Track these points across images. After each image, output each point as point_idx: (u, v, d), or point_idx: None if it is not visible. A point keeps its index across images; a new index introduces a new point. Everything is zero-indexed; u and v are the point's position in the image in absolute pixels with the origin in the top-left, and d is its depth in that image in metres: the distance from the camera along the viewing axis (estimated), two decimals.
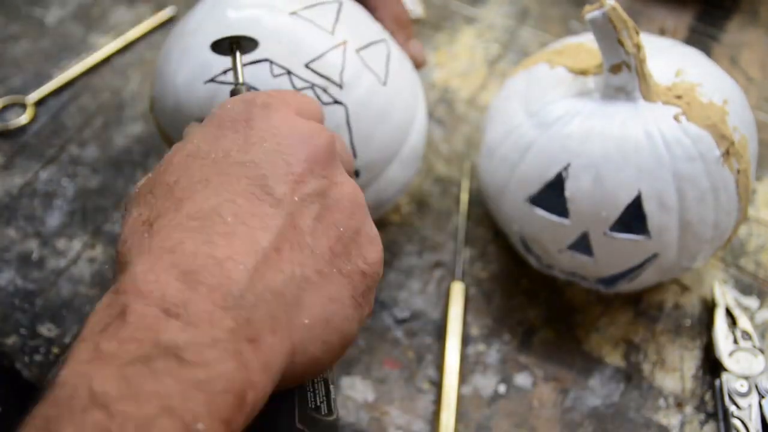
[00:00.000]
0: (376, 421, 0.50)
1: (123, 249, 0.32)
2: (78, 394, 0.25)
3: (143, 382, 0.26)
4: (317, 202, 0.33)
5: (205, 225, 0.30)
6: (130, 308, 0.28)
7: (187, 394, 0.26)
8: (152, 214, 0.32)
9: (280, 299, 0.30)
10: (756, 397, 0.49)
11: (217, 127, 0.35)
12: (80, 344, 0.27)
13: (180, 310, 0.28)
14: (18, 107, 0.67)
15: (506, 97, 0.52)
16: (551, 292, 0.56)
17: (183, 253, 0.29)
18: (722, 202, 0.46)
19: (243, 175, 0.32)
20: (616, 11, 0.43)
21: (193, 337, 0.27)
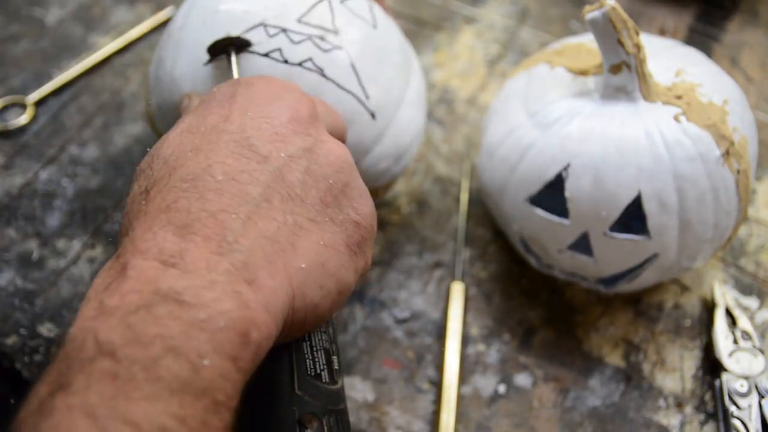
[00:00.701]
0: (376, 421, 0.50)
1: (124, 220, 0.33)
2: (85, 346, 0.26)
3: (146, 327, 0.27)
4: (304, 157, 0.35)
5: (197, 185, 0.32)
6: (130, 264, 0.29)
7: (190, 333, 0.27)
8: (149, 183, 0.33)
9: (274, 245, 0.32)
10: (756, 397, 0.49)
11: (206, 106, 0.37)
12: (86, 304, 0.29)
13: (177, 260, 0.29)
14: (18, 107, 0.67)
15: (506, 97, 0.52)
16: (551, 292, 0.56)
17: (177, 211, 0.31)
18: (722, 202, 0.46)
19: (230, 140, 0.34)
20: (616, 11, 0.43)
21: (191, 282, 0.28)
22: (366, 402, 0.51)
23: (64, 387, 0.26)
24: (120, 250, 0.31)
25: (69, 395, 0.25)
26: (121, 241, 0.32)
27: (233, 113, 0.36)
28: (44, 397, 0.26)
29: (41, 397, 0.26)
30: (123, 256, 0.30)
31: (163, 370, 0.26)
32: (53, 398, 0.25)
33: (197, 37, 0.46)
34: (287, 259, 0.32)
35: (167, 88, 0.47)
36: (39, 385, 0.27)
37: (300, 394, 0.34)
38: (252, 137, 0.34)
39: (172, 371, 0.26)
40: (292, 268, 0.32)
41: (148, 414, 0.25)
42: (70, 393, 0.25)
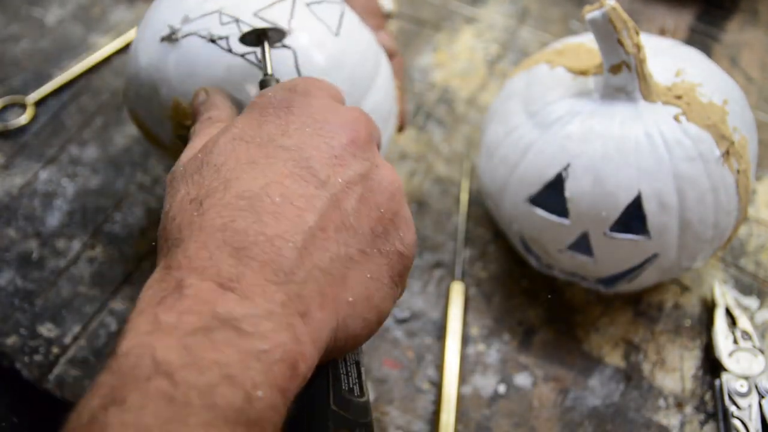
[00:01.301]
0: (376, 421, 0.50)
1: (171, 226, 0.32)
2: (142, 363, 0.26)
3: (204, 352, 0.26)
4: (360, 183, 0.34)
5: (254, 204, 0.31)
6: (186, 282, 0.29)
7: (246, 363, 0.27)
8: (201, 193, 0.33)
9: (327, 276, 0.31)
10: (756, 397, 0.49)
11: (260, 113, 0.36)
12: (139, 317, 0.28)
13: (234, 284, 0.29)
14: (18, 107, 0.67)
15: (506, 97, 0.52)
16: (551, 292, 0.56)
17: (234, 231, 0.30)
18: (722, 202, 0.46)
19: (288, 158, 0.33)
20: (616, 11, 0.43)
21: (249, 309, 0.28)
22: None
23: (118, 402, 0.25)
24: (170, 261, 0.30)
25: (124, 412, 0.25)
26: (169, 250, 0.31)
27: (290, 126, 0.35)
28: (96, 410, 0.25)
29: (92, 409, 0.25)
30: (177, 271, 0.29)
31: (219, 398, 0.26)
32: (106, 413, 0.25)
33: (158, 17, 0.46)
34: (337, 292, 0.31)
35: (132, 66, 0.48)
36: (89, 397, 0.26)
37: (335, 409, 0.34)
38: (311, 159, 0.33)
39: (228, 400, 0.26)
40: (340, 302, 0.31)
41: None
42: (125, 410, 0.25)
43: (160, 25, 0.46)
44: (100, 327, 0.54)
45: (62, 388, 0.51)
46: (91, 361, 0.53)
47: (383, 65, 0.51)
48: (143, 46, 0.47)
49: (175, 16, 0.46)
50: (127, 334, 0.27)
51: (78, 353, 0.53)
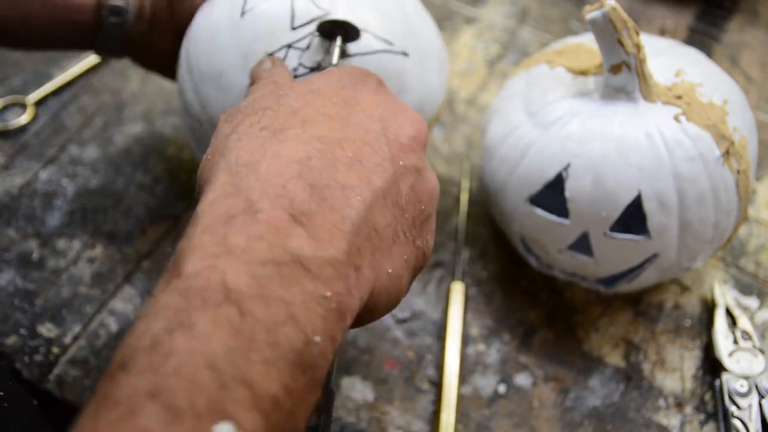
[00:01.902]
0: (376, 421, 0.50)
1: (235, 144, 0.32)
2: (211, 287, 0.26)
3: (272, 286, 0.26)
4: (413, 175, 0.35)
5: (331, 150, 0.32)
6: (259, 205, 0.28)
7: (309, 305, 0.27)
8: (275, 125, 0.33)
9: (381, 241, 0.32)
10: (756, 397, 0.49)
11: (338, 80, 0.37)
12: (205, 234, 0.28)
13: (305, 220, 0.29)
14: (18, 107, 0.67)
15: (506, 97, 0.52)
16: (551, 292, 0.56)
17: (310, 168, 0.30)
18: (722, 202, 0.46)
19: (361, 125, 0.34)
20: (616, 11, 0.43)
21: (317, 251, 0.28)
22: (366, 402, 0.51)
23: (186, 327, 0.24)
24: (239, 180, 0.30)
25: (192, 339, 0.24)
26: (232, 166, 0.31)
27: (365, 101, 0.36)
28: (160, 333, 0.24)
29: (156, 332, 0.25)
30: (248, 191, 0.29)
31: (282, 337, 0.25)
32: (172, 337, 0.24)
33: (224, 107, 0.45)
34: (383, 258, 0.32)
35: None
36: (150, 318, 0.25)
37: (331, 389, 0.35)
38: (381, 133, 0.34)
39: (290, 340, 0.26)
40: (383, 269, 0.32)
41: (264, 380, 0.24)
42: (193, 336, 0.24)
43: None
44: (100, 327, 0.54)
45: (62, 388, 0.52)
46: (91, 361, 0.53)
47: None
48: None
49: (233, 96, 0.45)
50: (192, 253, 0.27)
51: (78, 353, 0.53)
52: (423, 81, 0.49)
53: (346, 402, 0.51)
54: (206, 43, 0.47)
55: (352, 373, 0.52)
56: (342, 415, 0.51)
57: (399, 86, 0.47)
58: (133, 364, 0.24)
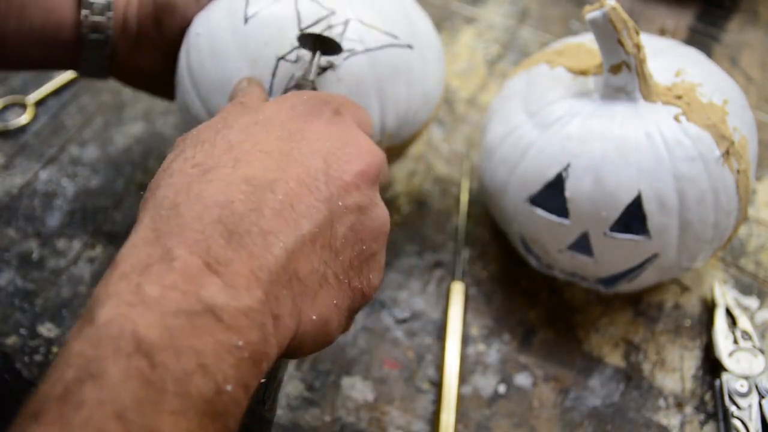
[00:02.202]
0: (376, 421, 0.50)
1: (167, 182, 0.32)
2: (123, 336, 0.25)
3: (184, 337, 0.26)
4: (355, 214, 0.34)
5: (258, 194, 0.31)
6: (175, 252, 0.28)
7: (221, 354, 0.27)
8: (207, 162, 0.32)
9: (302, 287, 0.31)
10: (756, 397, 0.49)
11: (290, 107, 0.36)
12: (121, 281, 0.27)
13: (222, 268, 0.28)
14: (18, 107, 0.67)
15: (506, 97, 0.52)
16: (551, 292, 0.56)
17: (232, 212, 0.30)
18: (722, 202, 0.46)
19: (301, 163, 0.33)
20: (617, 11, 0.43)
21: (231, 300, 0.28)
22: (366, 402, 0.51)
23: (96, 377, 0.25)
24: (161, 224, 0.30)
25: (102, 389, 0.24)
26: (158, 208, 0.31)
27: (312, 135, 0.35)
28: (71, 382, 0.25)
29: (67, 382, 0.25)
30: (167, 237, 0.29)
31: (192, 387, 0.26)
32: (82, 387, 0.24)
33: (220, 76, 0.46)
34: (306, 306, 0.32)
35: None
36: (62, 367, 0.25)
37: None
38: (321, 172, 0.34)
39: (200, 390, 0.26)
40: (306, 316, 0.32)
41: (173, 430, 0.25)
42: (103, 386, 0.24)
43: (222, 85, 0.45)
44: None
45: None
46: None
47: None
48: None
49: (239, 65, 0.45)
50: (107, 301, 0.27)
51: None
52: (426, 74, 0.49)
53: (346, 402, 0.51)
54: (210, 53, 0.46)
55: (352, 373, 0.52)
56: (342, 415, 0.51)
57: (408, 79, 0.47)
58: (44, 414, 0.24)
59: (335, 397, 0.51)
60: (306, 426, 0.50)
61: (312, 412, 0.51)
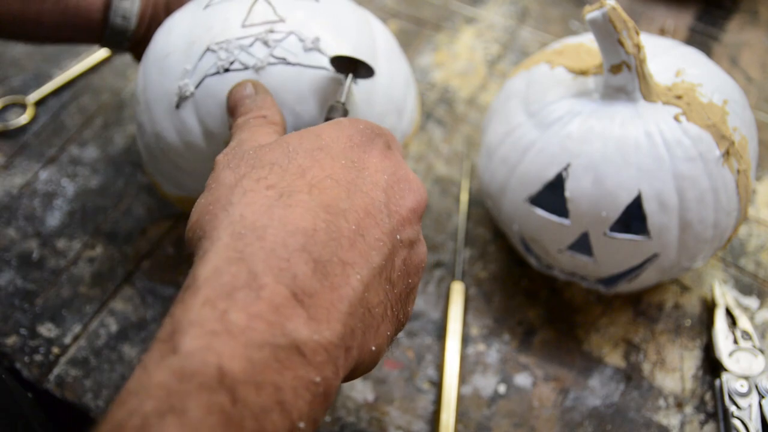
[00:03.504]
0: (376, 421, 0.50)
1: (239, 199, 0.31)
2: (207, 371, 0.25)
3: (266, 371, 0.26)
4: (407, 249, 0.35)
5: (335, 221, 0.31)
6: (261, 280, 0.27)
7: (299, 391, 0.26)
8: (282, 185, 0.31)
9: (371, 321, 0.31)
10: (756, 397, 0.49)
11: (348, 137, 0.35)
12: (204, 308, 0.26)
13: (306, 299, 0.28)
14: (18, 107, 0.67)
15: (506, 97, 0.52)
16: (551, 292, 0.56)
17: (315, 241, 0.29)
18: (722, 202, 0.46)
19: (368, 194, 0.33)
20: (617, 11, 0.43)
21: (313, 334, 0.27)
22: (366, 402, 0.51)
23: (177, 412, 0.24)
24: (243, 245, 0.28)
25: (183, 425, 0.24)
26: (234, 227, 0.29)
27: (371, 164, 0.35)
28: (151, 415, 0.24)
29: (147, 413, 0.24)
30: (251, 260, 0.28)
31: (268, 424, 0.25)
32: (163, 421, 0.24)
33: (160, 89, 0.46)
34: (371, 337, 0.31)
35: (156, 147, 0.48)
36: (143, 396, 0.24)
37: None
38: (383, 204, 0.33)
39: (276, 427, 0.25)
40: (367, 347, 0.31)
41: None
42: (184, 423, 0.24)
43: (163, 95, 0.46)
44: (100, 327, 0.54)
45: (62, 388, 0.51)
46: (92, 361, 0.53)
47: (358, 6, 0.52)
48: (164, 125, 0.46)
49: (171, 78, 0.45)
50: (190, 329, 0.26)
51: (78, 353, 0.53)
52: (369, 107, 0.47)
53: (346, 402, 0.51)
54: (167, 30, 0.48)
55: None
56: (342, 415, 0.51)
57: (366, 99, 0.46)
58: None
59: (335, 398, 0.51)
60: None
61: None
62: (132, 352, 0.53)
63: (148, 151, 0.49)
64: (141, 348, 0.53)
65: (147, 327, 0.54)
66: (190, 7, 0.49)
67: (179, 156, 0.47)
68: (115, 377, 0.52)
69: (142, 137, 0.49)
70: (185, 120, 0.45)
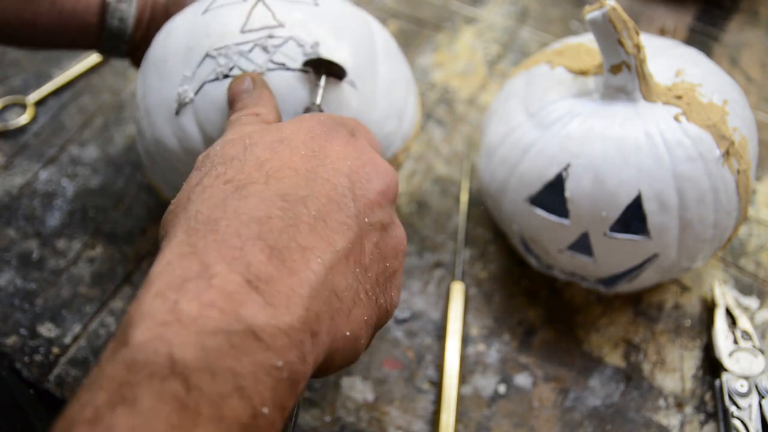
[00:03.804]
0: (376, 421, 0.50)
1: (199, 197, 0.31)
2: (157, 360, 0.25)
3: (221, 357, 0.25)
4: (379, 232, 0.35)
5: (294, 209, 0.31)
6: (214, 269, 0.27)
7: (258, 376, 0.26)
8: (239, 178, 0.32)
9: (340, 304, 0.31)
10: (756, 397, 0.49)
11: (309, 128, 0.36)
12: (156, 299, 0.26)
13: (262, 285, 0.28)
14: (18, 107, 0.67)
15: (506, 97, 0.52)
16: (551, 292, 0.56)
17: (270, 229, 0.30)
18: (722, 202, 0.46)
19: (330, 180, 0.33)
20: (616, 11, 0.43)
21: (271, 319, 0.27)
22: (366, 402, 0.51)
23: (129, 402, 0.24)
24: (196, 239, 0.29)
25: (134, 414, 0.23)
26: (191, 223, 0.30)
27: (335, 153, 0.35)
28: (102, 407, 0.24)
29: (98, 406, 0.24)
30: (204, 253, 0.28)
31: (228, 410, 0.25)
32: (113, 412, 0.24)
33: (159, 96, 0.46)
34: (341, 322, 0.31)
35: (156, 152, 0.48)
36: (94, 389, 0.24)
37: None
38: (348, 189, 0.34)
39: (236, 413, 0.25)
40: (340, 333, 0.31)
41: None
42: (136, 412, 0.24)
43: (162, 101, 0.46)
44: (100, 327, 0.54)
45: (62, 388, 0.52)
46: (92, 361, 0.53)
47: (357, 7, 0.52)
48: (164, 131, 0.46)
49: (171, 86, 0.45)
50: (141, 321, 0.26)
51: (78, 353, 0.53)
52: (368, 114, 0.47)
53: (346, 402, 0.51)
54: (165, 35, 0.48)
55: (352, 373, 0.52)
56: (342, 415, 0.51)
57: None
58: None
59: (335, 398, 0.51)
60: (306, 426, 0.50)
61: (312, 412, 0.51)
62: None
63: (148, 155, 0.49)
64: None
65: None
66: (189, 11, 0.48)
67: (179, 161, 0.47)
68: None
69: (143, 142, 0.49)
70: (185, 126, 0.45)
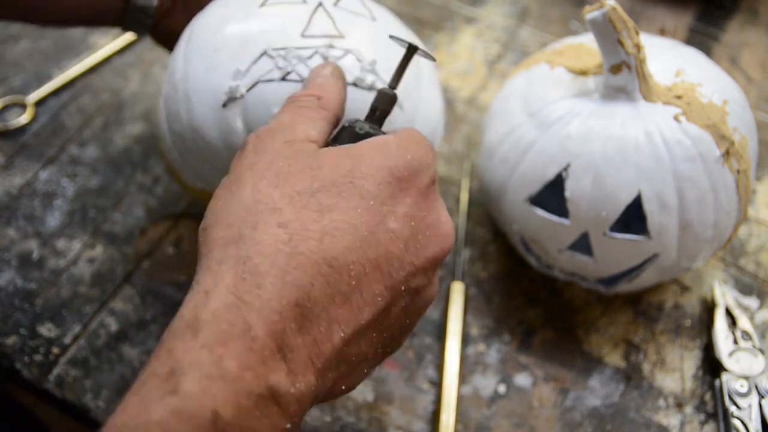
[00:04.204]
0: (376, 421, 0.50)
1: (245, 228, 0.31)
2: (203, 414, 0.26)
3: (250, 418, 0.28)
4: (411, 296, 0.34)
5: (335, 276, 0.31)
6: (254, 332, 0.29)
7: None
8: (294, 226, 0.31)
9: (348, 369, 0.33)
10: (756, 397, 0.49)
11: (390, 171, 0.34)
12: (203, 351, 0.28)
13: (289, 353, 0.29)
14: (18, 107, 0.67)
15: (506, 97, 0.52)
16: (551, 292, 0.56)
17: (308, 296, 0.30)
18: (722, 202, 0.46)
19: (383, 246, 0.32)
20: (616, 11, 0.43)
21: (290, 387, 0.29)
22: (366, 402, 0.51)
23: None
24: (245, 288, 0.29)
25: None
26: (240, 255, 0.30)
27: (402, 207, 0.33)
28: None
29: None
30: (247, 308, 0.29)
31: None
32: None
33: (206, 84, 0.44)
34: (341, 383, 0.33)
35: (190, 139, 0.46)
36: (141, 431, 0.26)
37: None
38: (398, 258, 0.33)
39: None
40: (337, 390, 0.33)
41: None
42: None
43: (208, 90, 0.44)
44: (100, 327, 0.54)
45: (62, 388, 0.51)
46: (92, 361, 0.53)
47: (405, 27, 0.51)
48: (204, 120, 0.45)
49: (219, 75, 0.44)
50: (189, 370, 0.27)
51: (78, 353, 0.53)
52: None
53: (346, 402, 0.51)
54: (217, 20, 0.46)
55: None
56: (342, 415, 0.51)
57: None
58: None
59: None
60: (306, 426, 0.50)
61: (312, 412, 0.51)
62: (132, 352, 0.53)
63: (179, 138, 0.47)
64: (141, 348, 0.53)
65: (147, 327, 0.54)
66: (240, 2, 0.46)
67: (215, 154, 0.45)
68: (115, 377, 0.52)
69: (173, 124, 0.47)
70: (230, 121, 0.44)
